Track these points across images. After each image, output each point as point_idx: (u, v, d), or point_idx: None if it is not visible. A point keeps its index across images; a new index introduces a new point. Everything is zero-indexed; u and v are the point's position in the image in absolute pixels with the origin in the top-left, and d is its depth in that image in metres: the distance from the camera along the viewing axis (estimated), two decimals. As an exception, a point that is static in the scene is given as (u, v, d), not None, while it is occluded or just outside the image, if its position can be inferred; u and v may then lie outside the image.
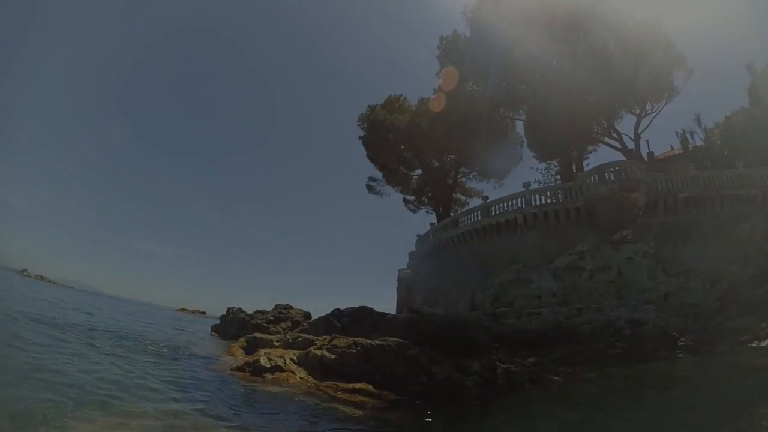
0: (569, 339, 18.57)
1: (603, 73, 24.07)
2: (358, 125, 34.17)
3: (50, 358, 10.84)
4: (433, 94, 31.98)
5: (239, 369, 13.76)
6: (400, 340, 13.69)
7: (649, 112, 27.15)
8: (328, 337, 16.00)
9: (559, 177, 30.81)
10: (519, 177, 36.60)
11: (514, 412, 11.82)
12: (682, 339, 17.36)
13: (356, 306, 22.09)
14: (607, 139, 28.72)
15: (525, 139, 31.97)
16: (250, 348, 19.01)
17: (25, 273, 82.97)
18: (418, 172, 35.21)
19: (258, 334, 21.03)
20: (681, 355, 16.44)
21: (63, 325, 17.81)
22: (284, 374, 13.28)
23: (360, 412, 9.81)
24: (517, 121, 31.83)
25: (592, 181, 20.55)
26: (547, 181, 32.72)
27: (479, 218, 23.70)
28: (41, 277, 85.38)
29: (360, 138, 34.39)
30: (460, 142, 29.87)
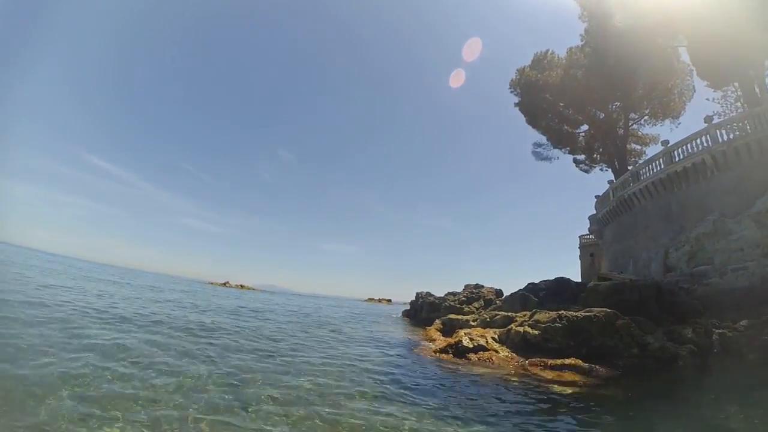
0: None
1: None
2: (511, 92, 32.88)
3: (318, 346, 12.23)
4: (581, 40, 29.64)
5: (442, 351, 13.98)
6: (607, 310, 12.94)
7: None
8: (529, 313, 15.61)
9: (740, 105, 25.99)
10: (696, 112, 31.79)
11: (734, 384, 10.54)
12: None
13: (552, 278, 21.18)
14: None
15: (693, 67, 27.49)
16: (447, 330, 19.30)
17: (227, 284, 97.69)
18: (584, 128, 32.73)
19: (452, 316, 21.08)
20: None
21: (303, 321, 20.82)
22: (487, 353, 13.28)
23: (570, 389, 9.55)
24: (679, 48, 27.61)
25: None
26: (728, 111, 27.50)
27: (662, 166, 21.22)
28: (241, 286, 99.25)
29: (516, 105, 33.15)
30: (622, 86, 27.13)
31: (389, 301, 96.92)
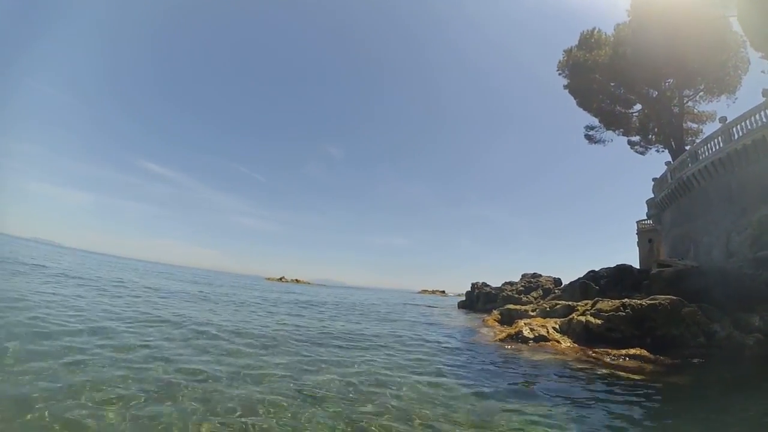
0: None
1: None
2: (559, 74, 31.80)
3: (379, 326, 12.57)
4: (627, 16, 28.57)
5: (502, 341, 14.02)
6: (673, 297, 12.63)
7: None
8: (591, 302, 15.31)
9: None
10: (753, 86, 30.04)
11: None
12: None
13: (613, 266, 20.67)
14: None
15: (745, 38, 25.98)
16: (505, 320, 19.41)
17: (283, 280, 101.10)
18: (637, 107, 31.50)
19: (511, 306, 21.10)
20: None
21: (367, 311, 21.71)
22: (548, 344, 13.26)
23: (636, 377, 9.41)
24: (730, 18, 26.14)
25: None
26: (787, 83, 25.96)
27: (720, 145, 20.14)
28: (297, 281, 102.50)
29: (565, 87, 32.17)
30: (673, 61, 25.90)
31: (443, 292, 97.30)
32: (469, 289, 30.68)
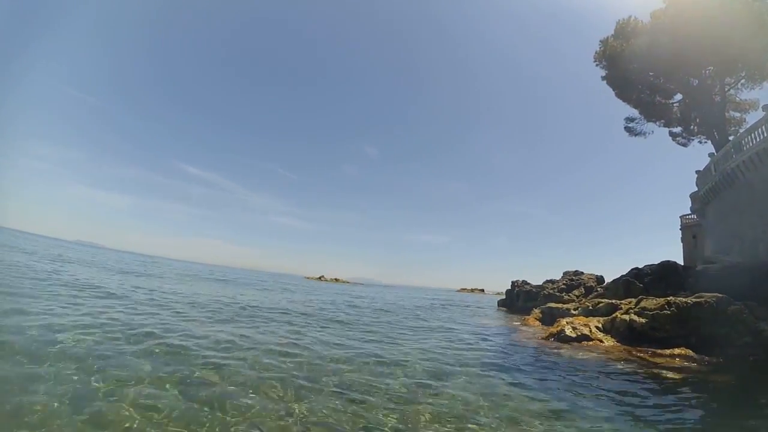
0: None
1: None
2: (596, 65, 31.25)
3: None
4: (663, 2, 27.89)
5: (544, 339, 14.24)
6: (719, 295, 12.44)
7: None
8: (634, 300, 15.20)
9: None
10: None
11: None
12: None
13: (657, 263, 20.21)
14: None
15: None
16: (546, 319, 19.54)
17: (322, 279, 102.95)
18: (678, 97, 30.73)
19: (552, 304, 21.04)
20: None
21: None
22: (591, 343, 13.31)
23: (680, 377, 9.34)
24: None
25: None
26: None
27: (765, 134, 19.64)
28: (336, 280, 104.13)
29: (602, 78, 31.59)
30: (712, 48, 25.07)
31: (482, 290, 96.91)
32: (509, 288, 30.70)
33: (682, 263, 25.13)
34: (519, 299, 27.82)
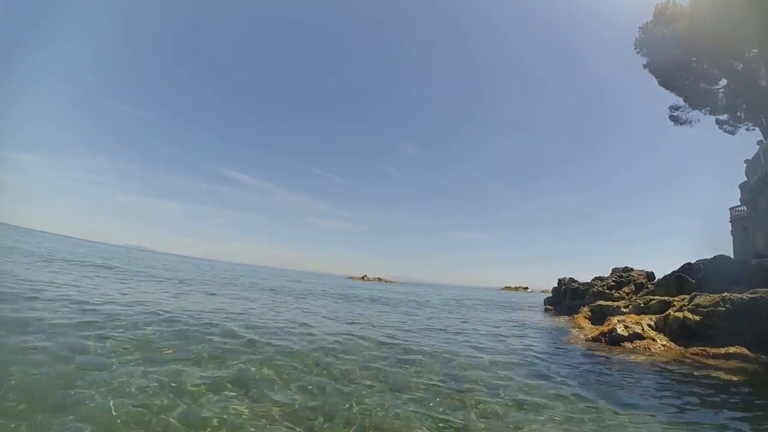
0: None
1: None
2: (637, 53, 30.43)
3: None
4: None
5: (595, 339, 13.95)
6: None
7: None
8: (688, 297, 14.82)
9: None
10: None
11: None
12: None
13: (709, 257, 19.46)
14: None
15: None
16: (596, 317, 19.16)
17: (365, 278, 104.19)
18: (723, 83, 29.59)
19: (602, 302, 20.50)
20: None
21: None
22: (644, 342, 13.09)
23: (734, 378, 9.14)
24: None
25: None
26: None
27: None
28: (379, 279, 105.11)
29: (644, 66, 30.63)
30: (756, 29, 23.80)
31: (526, 288, 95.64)
32: (555, 285, 30.30)
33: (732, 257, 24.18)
34: (566, 297, 27.36)
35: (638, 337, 13.36)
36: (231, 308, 16.05)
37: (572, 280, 28.71)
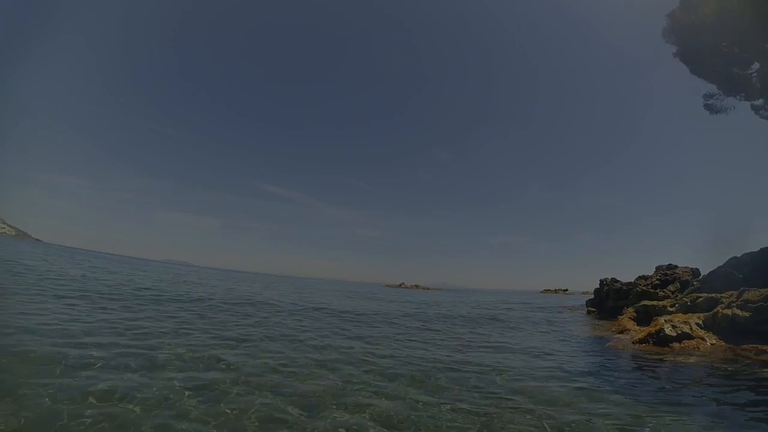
0: None
1: None
2: (665, 42, 30.07)
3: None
4: None
5: (641, 341, 13.58)
6: None
7: None
8: (736, 293, 14.38)
9: None
10: None
11: None
12: None
13: (756, 251, 18.45)
14: None
15: None
16: (641, 318, 18.72)
17: (402, 285, 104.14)
18: (755, 66, 28.86)
19: (646, 302, 20.13)
20: None
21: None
22: (693, 342, 12.77)
23: None
24: None
25: None
26: None
27: None
28: (416, 286, 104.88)
29: (674, 55, 30.35)
30: None
31: (565, 290, 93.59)
32: (598, 286, 29.53)
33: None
34: (608, 298, 26.74)
35: (687, 336, 13.07)
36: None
37: (615, 280, 27.92)
